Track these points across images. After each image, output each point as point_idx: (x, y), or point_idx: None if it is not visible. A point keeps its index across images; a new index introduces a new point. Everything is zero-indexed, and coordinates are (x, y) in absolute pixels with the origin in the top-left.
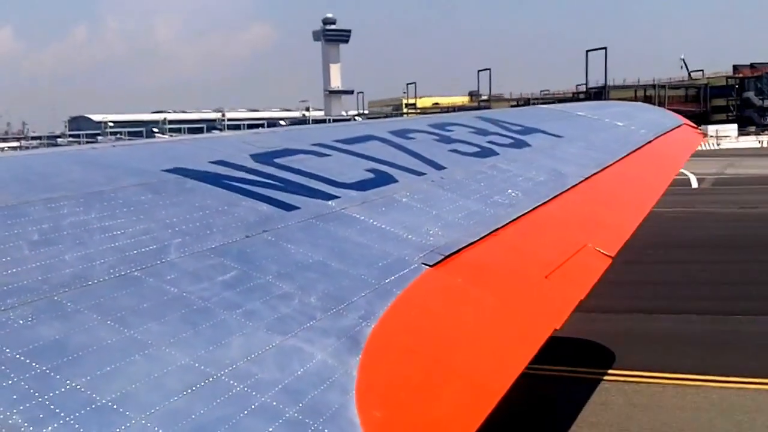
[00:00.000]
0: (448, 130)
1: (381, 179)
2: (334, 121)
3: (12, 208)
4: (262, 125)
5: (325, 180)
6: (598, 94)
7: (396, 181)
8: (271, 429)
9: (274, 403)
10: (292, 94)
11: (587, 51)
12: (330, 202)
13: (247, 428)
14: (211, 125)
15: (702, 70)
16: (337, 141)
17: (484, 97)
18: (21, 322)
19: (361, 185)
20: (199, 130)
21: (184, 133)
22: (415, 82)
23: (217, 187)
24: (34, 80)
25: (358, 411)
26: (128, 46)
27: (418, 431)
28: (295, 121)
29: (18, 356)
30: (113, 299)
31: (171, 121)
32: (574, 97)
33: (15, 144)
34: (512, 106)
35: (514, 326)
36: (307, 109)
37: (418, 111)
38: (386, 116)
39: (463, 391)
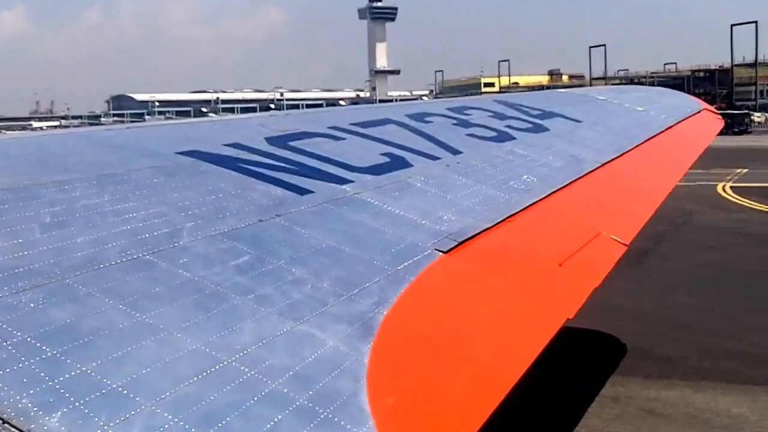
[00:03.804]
0: (467, 114)
1: (396, 163)
2: (401, 101)
3: (24, 190)
4: (321, 105)
5: (340, 164)
6: (725, 72)
7: (411, 165)
8: (281, 416)
9: (285, 390)
10: (330, 74)
11: (732, 25)
12: (344, 187)
13: (258, 415)
14: (264, 105)
15: None
16: (353, 124)
17: (565, 77)
18: (32, 305)
19: (376, 169)
20: (253, 110)
21: (238, 113)
22: (508, 60)
23: (231, 171)
24: (54, 61)
25: (369, 398)
26: (146, 27)
27: (429, 419)
28: (353, 102)
29: (28, 339)
30: (125, 283)
31: (224, 101)
32: (694, 76)
33: (55, 123)
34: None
35: (526, 315)
36: (374, 89)
37: (500, 91)
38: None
39: (475, 380)
